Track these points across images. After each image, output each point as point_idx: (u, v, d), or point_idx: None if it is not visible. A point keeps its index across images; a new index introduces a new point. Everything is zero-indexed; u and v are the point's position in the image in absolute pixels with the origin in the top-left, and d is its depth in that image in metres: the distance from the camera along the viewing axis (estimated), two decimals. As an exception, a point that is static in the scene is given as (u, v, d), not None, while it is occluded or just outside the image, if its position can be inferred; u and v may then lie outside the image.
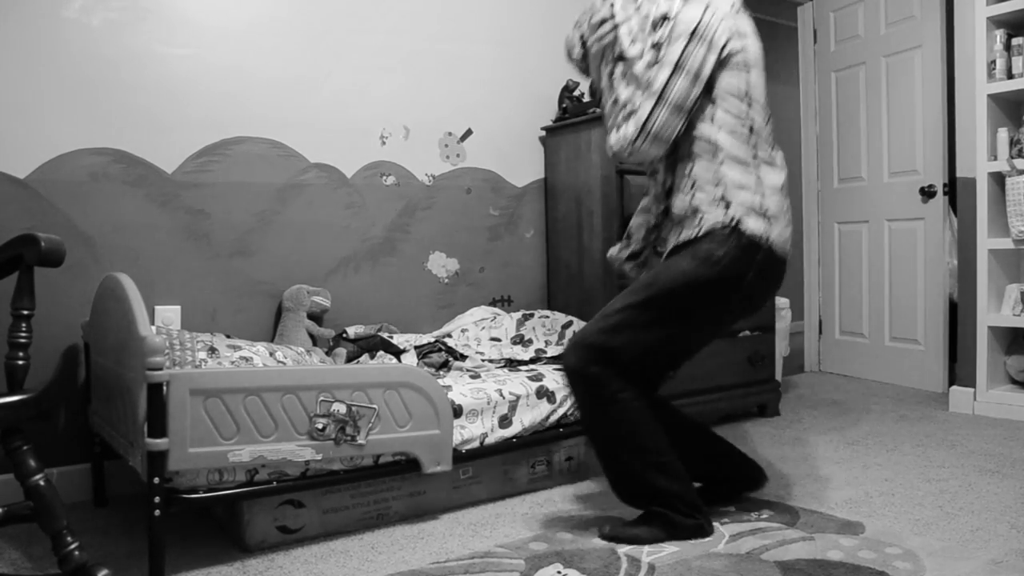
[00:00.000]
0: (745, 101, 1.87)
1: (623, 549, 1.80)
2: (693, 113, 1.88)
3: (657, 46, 1.87)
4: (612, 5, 2.00)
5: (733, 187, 1.85)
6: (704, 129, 1.88)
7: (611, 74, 1.98)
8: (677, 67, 1.84)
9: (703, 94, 1.87)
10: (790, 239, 1.93)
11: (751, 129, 1.87)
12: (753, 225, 1.83)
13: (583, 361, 1.86)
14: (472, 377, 2.29)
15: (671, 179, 1.96)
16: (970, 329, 3.23)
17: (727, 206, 1.84)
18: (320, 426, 1.84)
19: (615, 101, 1.94)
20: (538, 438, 2.27)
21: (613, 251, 2.23)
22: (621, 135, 1.90)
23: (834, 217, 4.31)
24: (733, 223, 1.83)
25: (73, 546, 1.48)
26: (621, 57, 1.95)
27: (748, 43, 1.89)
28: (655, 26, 1.89)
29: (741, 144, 1.87)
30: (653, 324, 1.86)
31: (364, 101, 2.86)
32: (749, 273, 1.84)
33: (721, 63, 1.86)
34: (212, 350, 1.97)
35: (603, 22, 1.99)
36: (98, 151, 2.37)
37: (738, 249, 1.82)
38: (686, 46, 1.83)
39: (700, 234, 1.86)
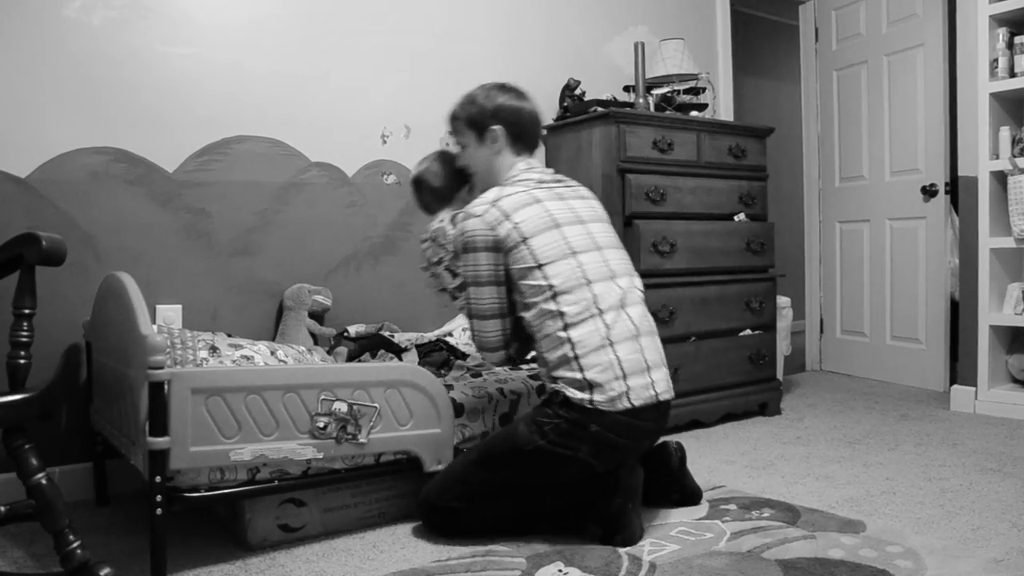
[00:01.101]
0: (537, 273, 1.87)
1: (624, 547, 1.80)
2: (515, 306, 1.94)
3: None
4: (425, 250, 2.16)
5: (554, 366, 1.86)
6: (525, 316, 1.92)
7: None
8: (472, 283, 1.94)
9: (513, 287, 1.92)
10: (629, 393, 1.82)
11: (554, 295, 1.85)
12: (579, 397, 1.81)
13: (430, 523, 1.93)
14: (473, 376, 2.29)
15: None
16: (971, 328, 3.23)
17: (555, 381, 1.86)
18: (321, 425, 1.84)
19: None
20: (539, 437, 2.27)
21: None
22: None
23: (835, 216, 4.31)
24: (560, 397, 1.84)
25: (75, 544, 1.48)
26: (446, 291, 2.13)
27: (521, 216, 1.90)
28: (456, 254, 2.00)
29: (547, 320, 1.86)
30: (489, 481, 1.88)
31: (365, 100, 2.86)
32: (582, 447, 1.81)
33: (504, 253, 1.90)
34: (213, 349, 1.97)
35: (428, 266, 2.16)
36: (99, 150, 2.37)
37: (567, 423, 1.81)
38: (465, 261, 1.94)
39: (544, 399, 1.90)
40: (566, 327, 1.84)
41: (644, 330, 1.93)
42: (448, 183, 2.20)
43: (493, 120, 2.05)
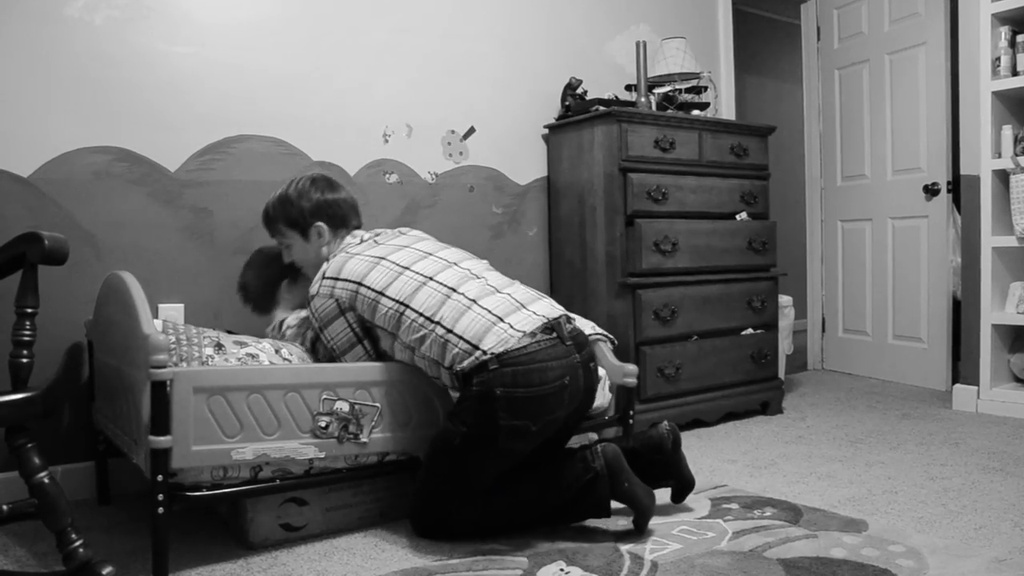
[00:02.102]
0: (384, 301, 1.94)
1: (626, 546, 1.80)
2: (387, 353, 2.01)
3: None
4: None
5: (441, 355, 1.88)
6: (398, 353, 1.97)
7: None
8: (340, 353, 2.02)
9: (375, 333, 2.00)
10: (513, 326, 1.85)
11: (403, 304, 1.93)
12: (471, 360, 1.83)
13: (422, 534, 1.91)
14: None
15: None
16: (974, 327, 3.22)
17: (451, 368, 1.87)
18: (323, 424, 1.85)
19: None
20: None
21: None
22: None
23: (837, 215, 4.31)
24: (461, 376, 1.86)
25: (77, 543, 1.48)
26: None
27: (347, 271, 2.00)
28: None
29: (410, 326, 1.92)
30: (445, 483, 1.87)
31: (367, 99, 2.86)
32: (500, 415, 1.80)
33: (350, 309, 1.99)
34: (219, 346, 1.97)
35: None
36: (101, 149, 2.37)
37: (475, 400, 1.82)
38: (326, 338, 2.02)
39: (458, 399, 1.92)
40: (428, 318, 1.90)
41: (505, 284, 2.02)
42: (267, 282, 2.33)
43: (313, 218, 2.17)
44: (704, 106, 3.30)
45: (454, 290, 1.94)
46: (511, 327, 1.86)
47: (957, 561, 1.67)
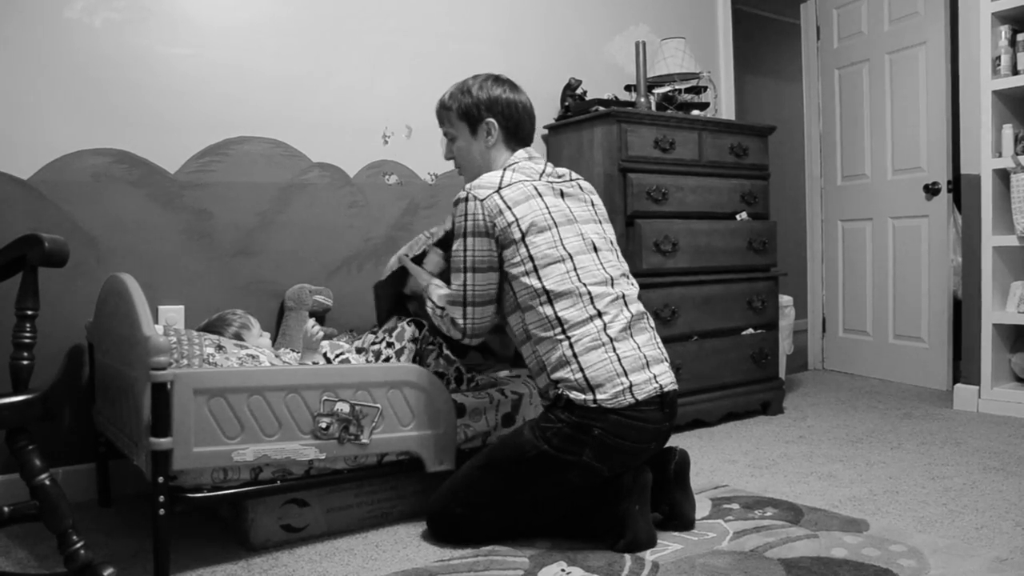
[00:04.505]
0: (531, 275, 1.85)
1: (629, 553, 1.80)
2: (504, 302, 1.93)
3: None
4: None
5: (553, 368, 1.84)
6: (511, 317, 1.92)
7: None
8: (468, 268, 1.89)
9: (503, 280, 1.91)
10: (632, 388, 1.80)
11: (548, 297, 1.84)
12: (580, 399, 1.79)
13: (435, 531, 1.90)
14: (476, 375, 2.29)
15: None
16: (974, 327, 3.22)
17: (555, 384, 1.84)
18: (324, 425, 1.85)
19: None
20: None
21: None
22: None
23: (838, 215, 4.31)
24: (563, 401, 1.82)
25: (78, 545, 1.48)
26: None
27: (521, 211, 1.87)
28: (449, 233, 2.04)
29: (541, 320, 1.85)
30: (493, 488, 1.86)
31: (366, 100, 2.86)
32: (585, 452, 1.78)
33: (500, 245, 1.88)
34: (219, 347, 1.98)
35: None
36: (101, 151, 2.37)
37: (569, 427, 1.79)
38: (464, 245, 1.89)
39: (547, 404, 1.88)
40: (564, 330, 1.83)
41: (641, 328, 1.93)
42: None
43: (488, 112, 2.00)
44: (704, 106, 3.30)
45: (600, 314, 1.85)
46: (629, 389, 1.80)
47: (958, 561, 1.67)
